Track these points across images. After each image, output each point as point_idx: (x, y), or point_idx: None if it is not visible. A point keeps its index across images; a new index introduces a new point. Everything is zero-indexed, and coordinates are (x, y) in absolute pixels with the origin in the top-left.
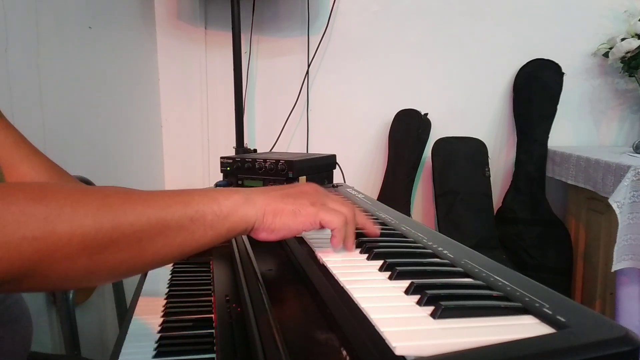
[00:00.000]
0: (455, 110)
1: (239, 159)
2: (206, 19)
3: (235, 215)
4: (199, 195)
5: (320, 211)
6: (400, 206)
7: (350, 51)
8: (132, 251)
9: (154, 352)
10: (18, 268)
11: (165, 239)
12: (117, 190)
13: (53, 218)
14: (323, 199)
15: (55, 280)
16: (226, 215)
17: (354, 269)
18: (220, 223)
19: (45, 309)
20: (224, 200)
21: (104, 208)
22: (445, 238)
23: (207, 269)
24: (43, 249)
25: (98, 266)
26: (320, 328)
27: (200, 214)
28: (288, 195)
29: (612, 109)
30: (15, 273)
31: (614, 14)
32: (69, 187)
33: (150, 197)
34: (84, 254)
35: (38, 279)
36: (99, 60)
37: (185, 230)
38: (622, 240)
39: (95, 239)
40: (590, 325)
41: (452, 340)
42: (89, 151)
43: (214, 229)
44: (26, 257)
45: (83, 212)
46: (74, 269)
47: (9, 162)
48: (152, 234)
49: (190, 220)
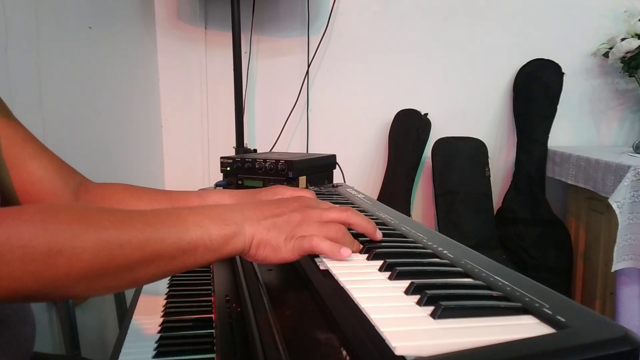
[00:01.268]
0: (455, 110)
1: (239, 159)
2: (206, 19)
3: (226, 248)
4: (192, 224)
5: (304, 244)
6: (400, 206)
7: (350, 51)
8: (125, 277)
9: (154, 352)
10: (22, 295)
11: (156, 267)
12: (116, 216)
13: (54, 254)
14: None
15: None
16: (217, 248)
17: (354, 269)
18: (209, 254)
19: (45, 309)
20: (217, 233)
21: (100, 243)
22: (445, 238)
23: (207, 269)
24: (44, 280)
25: (95, 289)
26: (320, 328)
27: (193, 246)
28: (275, 225)
29: (612, 109)
30: (19, 298)
31: (614, 14)
32: (69, 213)
33: (146, 225)
34: (82, 282)
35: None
36: (99, 60)
37: (177, 260)
38: (622, 240)
39: (92, 270)
40: (590, 325)
41: (452, 340)
42: (89, 151)
43: (203, 259)
44: (28, 287)
45: (81, 247)
46: (72, 293)
47: (17, 159)
48: (144, 263)
49: (182, 252)
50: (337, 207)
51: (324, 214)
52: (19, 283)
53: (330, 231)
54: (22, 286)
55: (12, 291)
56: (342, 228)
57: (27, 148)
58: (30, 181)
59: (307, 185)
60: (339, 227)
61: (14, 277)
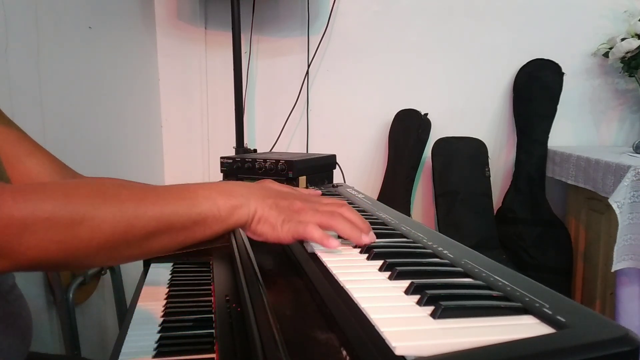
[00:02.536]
0: (455, 110)
1: (239, 159)
2: (206, 19)
3: (232, 218)
4: (202, 197)
5: (299, 228)
6: (400, 206)
7: (350, 51)
8: (141, 247)
9: (154, 352)
10: (48, 263)
11: (169, 237)
12: (133, 189)
13: (76, 224)
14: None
15: (79, 268)
16: (224, 219)
17: (354, 268)
18: (218, 224)
19: (45, 309)
20: (224, 204)
21: (119, 213)
22: (445, 238)
23: (207, 269)
24: (67, 249)
25: (114, 258)
26: (320, 328)
27: (202, 217)
28: (277, 205)
29: (612, 109)
30: (45, 266)
31: (614, 14)
32: (88, 188)
33: (159, 198)
34: (102, 252)
35: (63, 268)
36: (99, 60)
37: (188, 230)
38: (622, 240)
39: (111, 240)
40: (590, 325)
41: (452, 340)
42: (89, 151)
43: (212, 229)
44: (53, 255)
45: (101, 218)
46: (94, 262)
47: (13, 158)
48: (158, 233)
49: (193, 222)
50: (334, 203)
51: (323, 205)
52: (45, 252)
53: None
54: (48, 255)
55: (39, 260)
56: (339, 216)
57: (22, 146)
58: (29, 177)
59: (307, 185)
60: (336, 215)
61: (40, 247)
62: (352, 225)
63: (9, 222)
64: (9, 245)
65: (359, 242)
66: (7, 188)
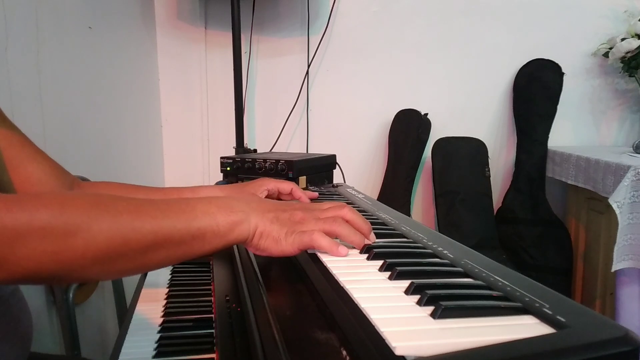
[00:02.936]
0: (455, 110)
1: (239, 159)
2: (206, 19)
3: (232, 234)
4: (201, 212)
5: (304, 238)
6: (400, 206)
7: (350, 51)
8: (137, 261)
9: (154, 352)
10: (41, 275)
11: (166, 251)
12: (130, 202)
13: (71, 235)
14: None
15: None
16: (223, 234)
17: (354, 269)
18: (217, 240)
19: (45, 309)
20: (223, 220)
21: (115, 225)
22: (445, 238)
23: (207, 269)
24: (62, 261)
25: (109, 272)
26: (320, 328)
27: (201, 232)
28: (278, 219)
29: (612, 109)
30: (39, 279)
31: (614, 14)
32: (85, 199)
33: (157, 212)
34: (97, 264)
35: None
36: (99, 60)
37: (186, 244)
38: (622, 240)
39: (107, 253)
40: (590, 325)
41: (452, 340)
42: (89, 151)
43: (211, 244)
44: (47, 267)
45: (97, 230)
46: (88, 275)
47: (16, 161)
48: (156, 247)
49: (192, 237)
50: (334, 206)
51: (323, 212)
52: (39, 264)
53: (333, 226)
54: (41, 267)
55: (33, 271)
56: (342, 221)
57: (25, 150)
58: (30, 182)
59: (307, 185)
60: (339, 221)
61: (33, 258)
62: (354, 230)
63: (3, 231)
64: (2, 255)
65: (362, 247)
66: (2, 198)
